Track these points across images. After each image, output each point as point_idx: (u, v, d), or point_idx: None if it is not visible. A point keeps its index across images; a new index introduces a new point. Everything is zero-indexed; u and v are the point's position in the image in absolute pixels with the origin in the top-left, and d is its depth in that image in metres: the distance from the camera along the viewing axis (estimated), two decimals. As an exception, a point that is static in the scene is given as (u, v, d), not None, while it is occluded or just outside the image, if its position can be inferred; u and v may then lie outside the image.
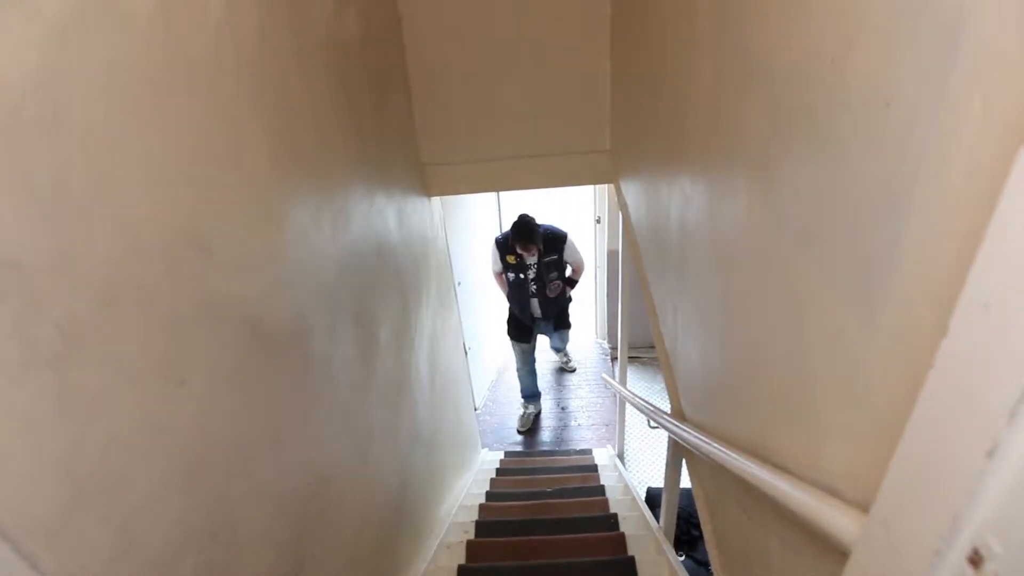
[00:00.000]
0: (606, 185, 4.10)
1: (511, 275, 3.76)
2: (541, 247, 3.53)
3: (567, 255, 3.69)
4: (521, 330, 4.14)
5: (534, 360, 4.51)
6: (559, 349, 5.27)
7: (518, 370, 4.46)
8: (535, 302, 3.86)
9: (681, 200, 1.38)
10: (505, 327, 4.26)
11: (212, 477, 0.86)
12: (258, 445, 0.99)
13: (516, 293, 3.87)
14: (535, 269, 3.69)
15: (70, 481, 0.60)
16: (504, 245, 3.69)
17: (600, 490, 3.34)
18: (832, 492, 0.64)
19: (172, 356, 0.77)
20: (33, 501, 0.55)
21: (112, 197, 0.67)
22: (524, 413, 4.65)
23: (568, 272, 3.91)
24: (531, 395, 4.60)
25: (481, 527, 2.76)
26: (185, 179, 0.82)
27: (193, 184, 0.84)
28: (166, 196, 0.77)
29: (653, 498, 2.91)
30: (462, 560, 2.41)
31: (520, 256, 3.61)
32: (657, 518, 2.48)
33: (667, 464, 2.10)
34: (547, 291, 3.76)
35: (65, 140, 0.60)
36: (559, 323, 4.29)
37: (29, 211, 0.56)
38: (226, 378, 0.90)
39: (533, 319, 4.01)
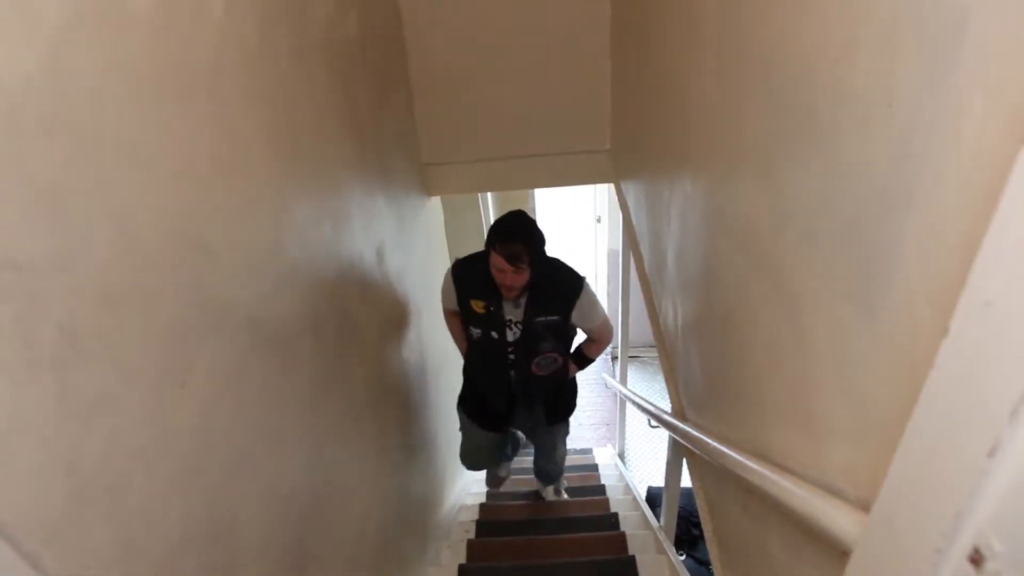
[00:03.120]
0: (606, 184, 4.10)
1: (476, 331, 2.04)
2: (528, 261, 1.74)
3: (577, 316, 1.98)
4: (485, 414, 2.34)
5: (506, 456, 2.89)
6: (549, 476, 3.00)
7: (463, 455, 2.59)
8: (513, 375, 2.12)
9: (682, 199, 1.38)
10: (458, 399, 2.43)
11: (213, 478, 0.85)
12: (259, 446, 0.99)
13: (483, 358, 2.17)
14: (518, 328, 1.98)
15: (71, 481, 0.59)
16: (466, 278, 2.01)
17: (601, 489, 3.35)
18: (833, 491, 0.64)
19: (173, 356, 0.76)
20: (34, 501, 0.55)
21: (112, 198, 0.67)
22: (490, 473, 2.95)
23: (578, 343, 2.21)
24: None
25: (482, 527, 2.76)
26: (185, 180, 0.82)
27: (193, 185, 0.84)
28: (167, 197, 0.77)
29: (653, 497, 2.91)
30: (463, 559, 2.41)
31: (490, 306, 1.95)
32: (658, 517, 2.48)
33: (668, 463, 2.10)
34: (533, 366, 2.06)
35: (65, 141, 0.60)
36: (553, 414, 2.35)
37: (30, 212, 0.55)
38: (227, 379, 0.90)
39: (509, 400, 2.23)
